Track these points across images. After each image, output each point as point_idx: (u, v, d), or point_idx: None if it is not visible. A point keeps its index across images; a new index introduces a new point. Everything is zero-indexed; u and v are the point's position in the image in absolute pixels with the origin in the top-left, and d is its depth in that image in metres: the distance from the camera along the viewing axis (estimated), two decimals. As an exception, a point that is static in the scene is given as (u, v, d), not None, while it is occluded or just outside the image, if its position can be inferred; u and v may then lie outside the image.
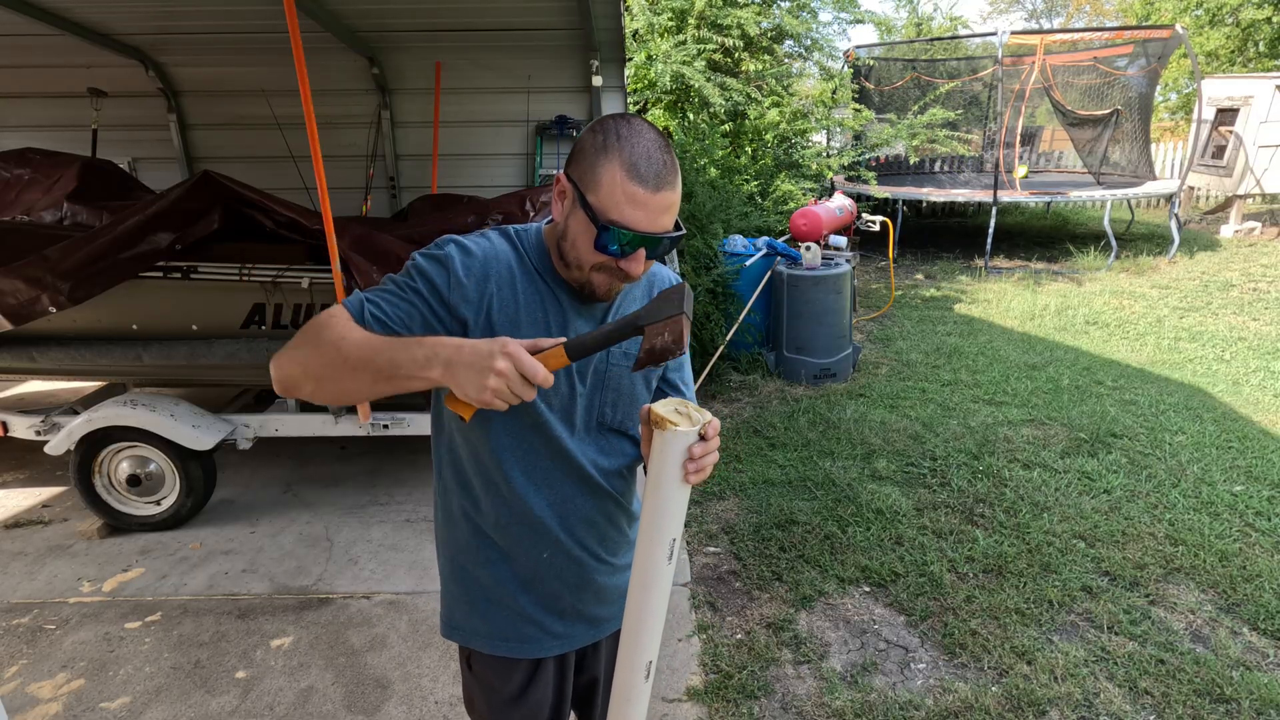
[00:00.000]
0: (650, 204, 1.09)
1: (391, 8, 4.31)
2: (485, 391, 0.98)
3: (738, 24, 8.32)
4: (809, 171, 8.56)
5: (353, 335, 1.08)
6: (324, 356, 1.09)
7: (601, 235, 1.10)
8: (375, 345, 1.06)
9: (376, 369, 1.05)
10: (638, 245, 1.11)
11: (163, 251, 3.30)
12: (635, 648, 1.18)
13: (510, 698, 1.37)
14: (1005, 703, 2.44)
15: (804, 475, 3.97)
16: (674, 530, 1.11)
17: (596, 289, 1.18)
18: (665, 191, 1.10)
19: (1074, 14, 27.93)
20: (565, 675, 1.43)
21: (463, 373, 0.99)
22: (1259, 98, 10.45)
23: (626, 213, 1.09)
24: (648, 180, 1.08)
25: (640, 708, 1.23)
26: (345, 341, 1.07)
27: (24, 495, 3.99)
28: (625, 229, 1.09)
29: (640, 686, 1.21)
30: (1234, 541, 3.28)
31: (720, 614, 2.94)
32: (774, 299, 5.57)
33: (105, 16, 4.30)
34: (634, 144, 1.09)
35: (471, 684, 1.42)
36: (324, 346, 1.09)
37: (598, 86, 5.02)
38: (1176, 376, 5.37)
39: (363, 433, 3.62)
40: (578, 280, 1.19)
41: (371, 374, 1.06)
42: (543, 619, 1.34)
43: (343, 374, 1.08)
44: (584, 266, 1.16)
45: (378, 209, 5.44)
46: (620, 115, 1.15)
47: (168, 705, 2.50)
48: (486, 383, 0.97)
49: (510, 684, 1.37)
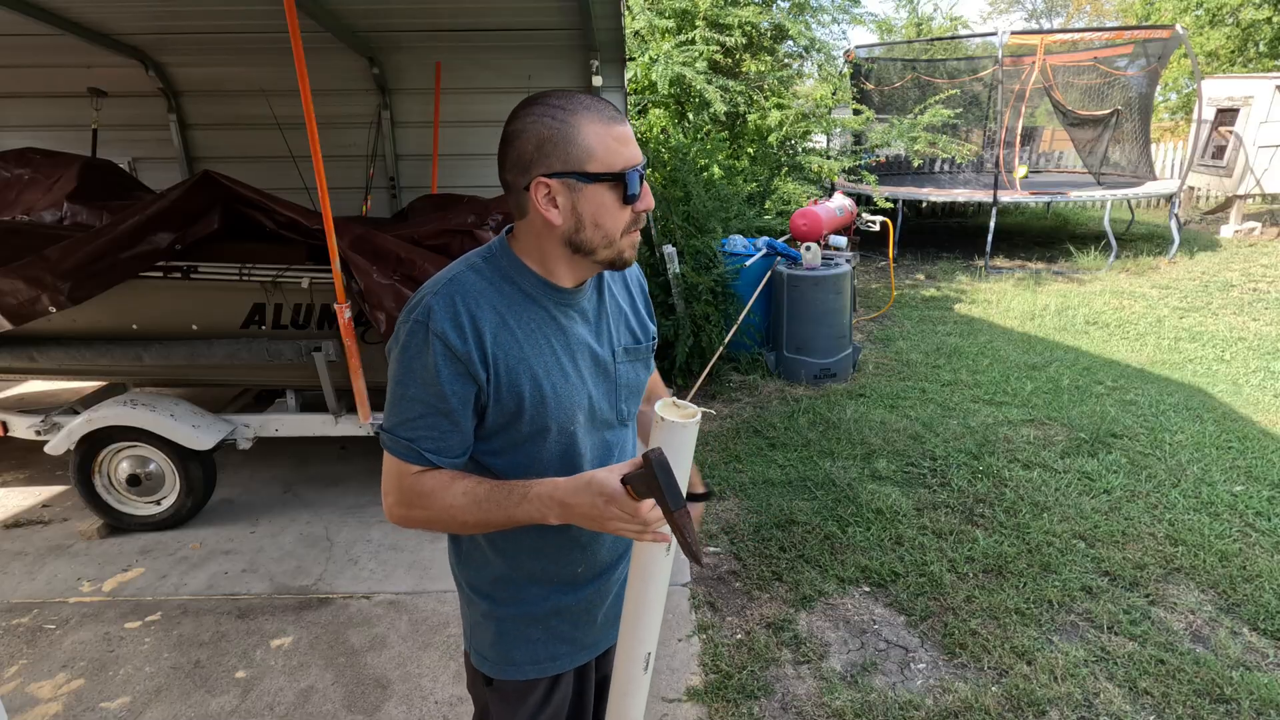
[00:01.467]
0: (629, 137, 1.13)
1: (391, 8, 4.31)
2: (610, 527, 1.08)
3: (740, 23, 8.32)
4: (811, 175, 8.56)
5: (457, 500, 1.15)
6: (444, 523, 1.20)
7: (625, 183, 1.11)
8: (484, 507, 1.14)
9: (497, 525, 1.17)
10: (641, 179, 1.15)
11: (163, 251, 3.30)
12: (634, 639, 1.19)
13: (532, 710, 1.36)
14: (1005, 703, 2.44)
15: (804, 475, 3.97)
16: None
17: (626, 253, 1.18)
18: (628, 124, 1.16)
19: (1074, 14, 27.94)
20: (586, 678, 1.43)
21: (587, 518, 1.09)
22: (1259, 98, 10.45)
23: (622, 152, 1.11)
24: (616, 117, 1.13)
25: (639, 700, 1.24)
26: (455, 509, 1.16)
27: (24, 495, 3.99)
28: (632, 166, 1.12)
29: (639, 679, 1.21)
30: (1234, 541, 3.28)
31: (720, 614, 2.94)
32: (774, 299, 5.57)
33: (105, 16, 4.30)
34: (578, 99, 1.11)
35: (490, 698, 1.39)
36: (439, 515, 1.18)
37: (598, 86, 5.02)
38: (1176, 376, 5.37)
39: (363, 433, 3.62)
40: (608, 257, 1.17)
41: (495, 527, 1.18)
42: (573, 634, 1.34)
43: (467, 530, 1.24)
44: (614, 237, 1.15)
45: (378, 209, 5.44)
46: (532, 99, 1.13)
47: (168, 705, 2.50)
48: (610, 529, 1.08)
49: (533, 695, 1.36)
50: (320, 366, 3.41)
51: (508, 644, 1.32)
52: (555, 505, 1.09)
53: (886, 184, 10.09)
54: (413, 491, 1.17)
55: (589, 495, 1.06)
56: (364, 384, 3.35)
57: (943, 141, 9.22)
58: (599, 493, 1.05)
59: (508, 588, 1.31)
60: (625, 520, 1.05)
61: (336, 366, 3.42)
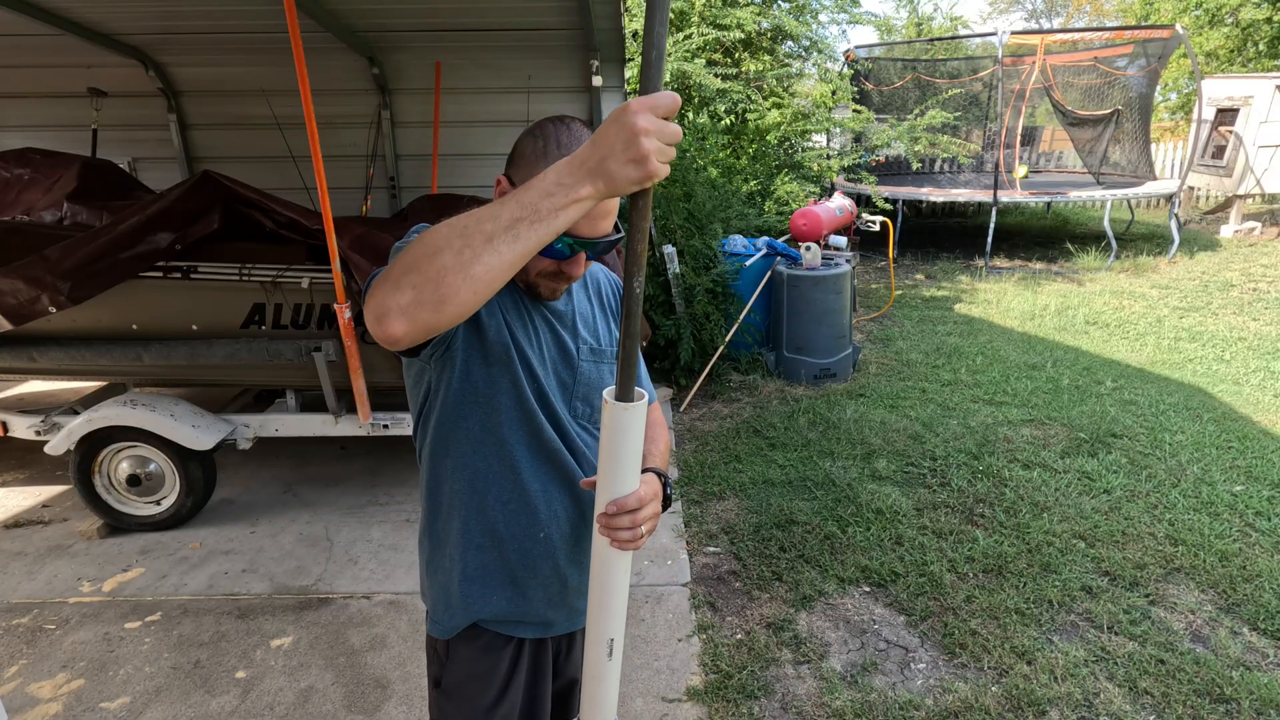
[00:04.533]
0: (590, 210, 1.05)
1: (391, 8, 4.31)
2: (650, 161, 0.85)
3: (738, 23, 8.32)
4: (810, 173, 8.56)
5: (463, 220, 0.91)
6: (444, 263, 0.90)
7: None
8: (488, 210, 0.90)
9: (507, 226, 0.88)
10: (578, 250, 1.15)
11: (163, 251, 3.30)
12: (598, 624, 1.20)
13: (487, 707, 1.36)
14: (1005, 703, 2.44)
15: (804, 475, 3.97)
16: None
17: (541, 291, 1.24)
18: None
19: (1074, 14, 27.94)
20: (541, 672, 1.42)
21: (615, 162, 0.86)
22: (1259, 98, 10.45)
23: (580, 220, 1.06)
24: None
25: (606, 686, 1.24)
26: (460, 227, 0.90)
27: (24, 495, 3.99)
28: (565, 235, 1.09)
29: (604, 664, 1.21)
30: (1234, 541, 3.28)
31: (720, 614, 2.94)
32: (774, 299, 5.57)
33: (105, 16, 4.30)
34: (572, 148, 1.08)
35: (442, 702, 1.39)
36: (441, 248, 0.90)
37: (598, 86, 5.02)
38: (1176, 376, 5.37)
39: (363, 433, 3.62)
40: (523, 282, 1.24)
41: (505, 238, 0.88)
42: (528, 603, 1.35)
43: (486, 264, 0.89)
44: (529, 270, 1.20)
45: (378, 209, 5.45)
46: (559, 118, 1.15)
47: (168, 705, 2.50)
48: (643, 151, 0.84)
49: (487, 693, 1.36)
50: (320, 366, 3.41)
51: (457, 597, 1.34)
52: (579, 155, 0.88)
53: (886, 184, 10.09)
54: (407, 253, 0.94)
55: (614, 123, 0.85)
56: (364, 384, 3.35)
57: (943, 141, 9.22)
58: (625, 111, 0.85)
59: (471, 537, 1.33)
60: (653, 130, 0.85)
61: (336, 366, 3.42)
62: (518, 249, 0.89)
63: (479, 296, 0.92)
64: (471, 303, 0.92)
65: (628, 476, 1.10)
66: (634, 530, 1.11)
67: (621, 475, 1.10)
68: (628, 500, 1.10)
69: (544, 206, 0.88)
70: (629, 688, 2.55)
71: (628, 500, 1.10)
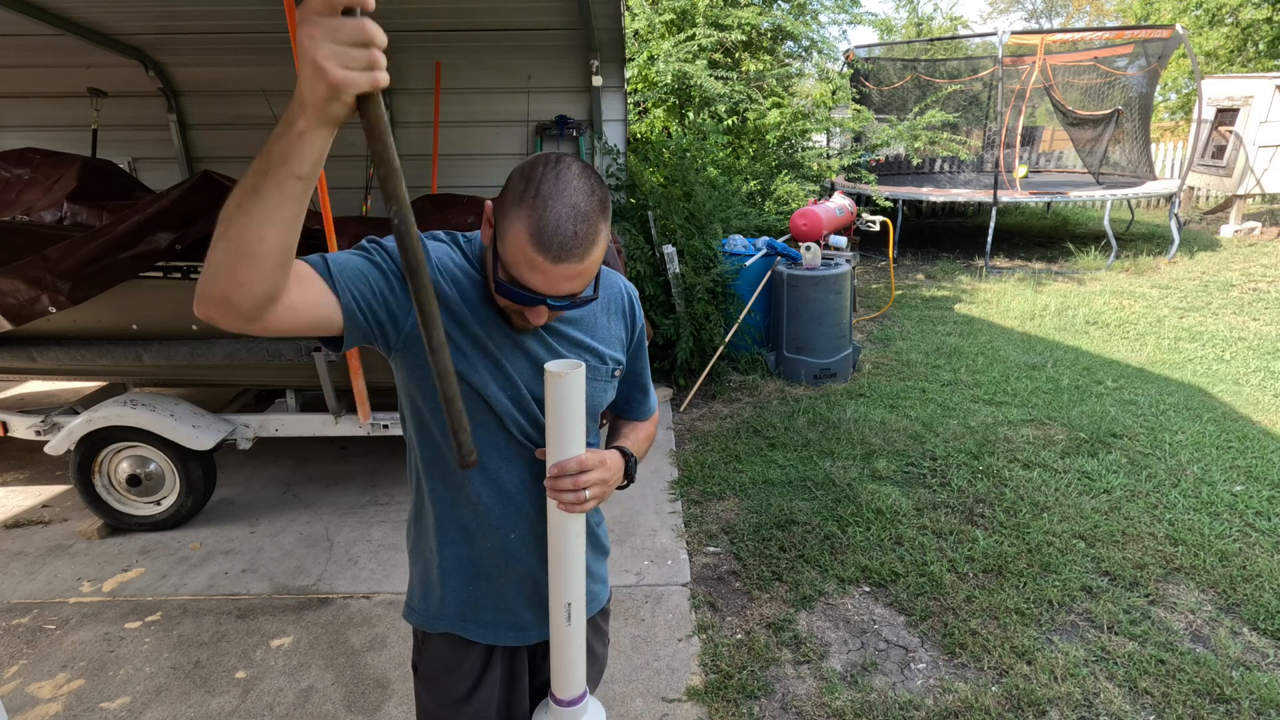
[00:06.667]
0: (551, 273, 1.07)
1: (391, 8, 4.31)
2: (329, 71, 0.78)
3: (739, 23, 8.33)
4: (810, 173, 8.56)
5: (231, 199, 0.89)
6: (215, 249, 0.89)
7: (500, 284, 1.11)
8: (244, 176, 0.88)
9: (254, 184, 0.86)
10: (536, 303, 1.11)
11: (163, 251, 3.30)
12: (555, 590, 1.25)
13: (459, 699, 1.37)
14: (1005, 703, 2.44)
15: (804, 475, 3.97)
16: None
17: (513, 320, 1.20)
18: (568, 263, 1.07)
19: (1074, 14, 27.94)
20: (516, 675, 1.42)
21: (304, 85, 0.80)
22: (1259, 98, 10.45)
23: (525, 274, 1.08)
24: (550, 250, 1.05)
25: (570, 654, 1.28)
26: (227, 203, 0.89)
27: (24, 495, 3.99)
28: (523, 289, 1.10)
29: (564, 629, 1.26)
30: (1234, 541, 3.28)
31: (720, 614, 2.94)
32: (774, 299, 5.57)
33: (105, 16, 4.31)
34: (550, 205, 1.05)
35: (420, 688, 1.43)
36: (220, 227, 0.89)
37: (598, 86, 5.03)
38: (1176, 376, 5.37)
39: (363, 433, 3.62)
40: (499, 306, 1.20)
41: (257, 197, 0.86)
42: (499, 606, 1.35)
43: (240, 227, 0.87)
44: (497, 299, 1.19)
45: (378, 209, 5.45)
46: (554, 161, 1.09)
47: (168, 705, 2.50)
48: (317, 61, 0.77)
49: (459, 687, 1.37)
50: (320, 366, 3.41)
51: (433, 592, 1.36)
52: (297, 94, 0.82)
53: (886, 184, 10.09)
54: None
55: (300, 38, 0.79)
56: (364, 384, 3.36)
57: (944, 139, 9.22)
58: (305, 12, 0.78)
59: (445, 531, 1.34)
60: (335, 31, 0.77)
61: (336, 366, 3.42)
62: (267, 203, 0.86)
63: (263, 269, 0.89)
64: (259, 277, 0.90)
65: (570, 442, 1.16)
66: (577, 494, 1.16)
67: (564, 441, 1.16)
68: (568, 464, 1.16)
69: (274, 151, 0.84)
70: (629, 688, 2.55)
71: (568, 464, 1.16)
